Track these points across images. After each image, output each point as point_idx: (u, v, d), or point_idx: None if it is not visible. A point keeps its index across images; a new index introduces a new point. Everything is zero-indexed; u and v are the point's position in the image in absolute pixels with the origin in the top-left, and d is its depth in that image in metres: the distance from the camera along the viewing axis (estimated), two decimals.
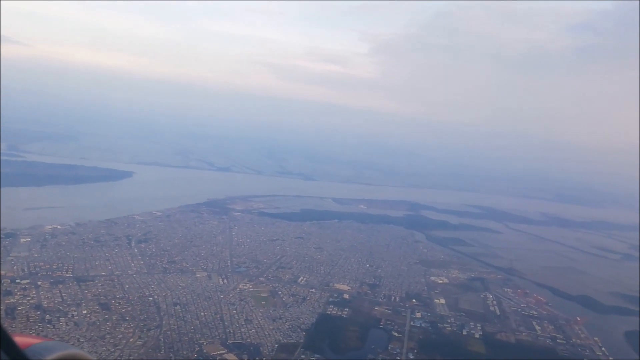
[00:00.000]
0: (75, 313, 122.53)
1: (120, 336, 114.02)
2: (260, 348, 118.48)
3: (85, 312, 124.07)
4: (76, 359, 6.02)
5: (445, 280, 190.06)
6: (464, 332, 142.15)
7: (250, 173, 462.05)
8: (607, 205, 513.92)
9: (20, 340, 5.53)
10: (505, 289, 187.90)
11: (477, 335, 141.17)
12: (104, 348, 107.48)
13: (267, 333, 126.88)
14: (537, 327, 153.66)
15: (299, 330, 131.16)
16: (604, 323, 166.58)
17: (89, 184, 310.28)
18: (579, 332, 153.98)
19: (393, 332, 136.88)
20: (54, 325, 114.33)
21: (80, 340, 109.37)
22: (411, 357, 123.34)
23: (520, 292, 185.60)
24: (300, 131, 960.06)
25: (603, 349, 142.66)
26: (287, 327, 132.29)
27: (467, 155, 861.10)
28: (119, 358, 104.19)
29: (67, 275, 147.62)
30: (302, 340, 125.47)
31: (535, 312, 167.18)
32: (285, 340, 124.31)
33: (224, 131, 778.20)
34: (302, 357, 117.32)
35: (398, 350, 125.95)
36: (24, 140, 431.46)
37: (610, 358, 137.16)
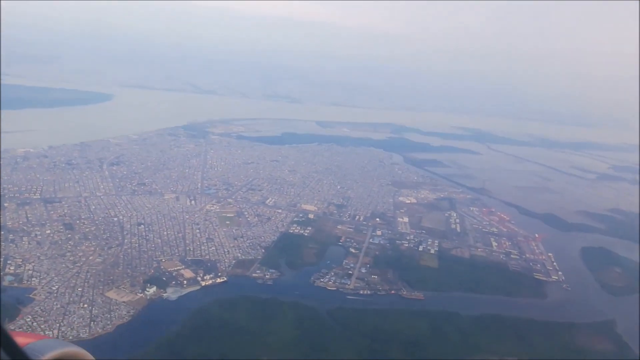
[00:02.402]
0: (38, 233, 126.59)
1: (80, 254, 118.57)
2: (217, 264, 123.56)
3: (48, 231, 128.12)
4: (75, 356, 6.05)
5: (413, 200, 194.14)
6: (420, 248, 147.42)
7: (237, 96, 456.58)
8: (598, 126, 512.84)
9: (19, 338, 5.50)
10: (472, 208, 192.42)
11: (432, 251, 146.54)
12: (63, 265, 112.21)
13: (226, 250, 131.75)
14: (494, 244, 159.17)
15: (258, 247, 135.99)
16: (562, 240, 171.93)
17: (67, 107, 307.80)
18: (535, 248, 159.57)
19: (351, 249, 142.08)
20: (16, 245, 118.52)
21: (41, 258, 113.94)
22: (363, 271, 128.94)
23: (485, 210, 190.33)
24: (294, 53, 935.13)
25: (555, 264, 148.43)
26: (247, 245, 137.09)
27: (462, 77, 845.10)
28: (76, 274, 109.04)
29: (35, 197, 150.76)
30: (259, 257, 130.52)
31: (495, 230, 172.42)
32: (243, 257, 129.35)
33: (215, 54, 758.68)
34: (257, 272, 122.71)
35: (352, 265, 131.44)
36: (4, 62, 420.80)
37: (559, 272, 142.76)
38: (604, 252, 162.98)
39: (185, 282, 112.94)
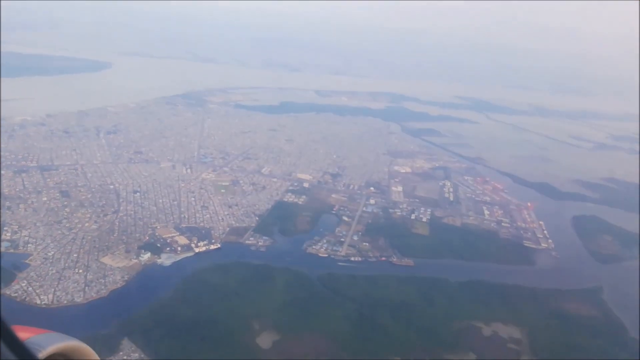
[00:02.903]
0: (35, 200, 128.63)
1: (76, 221, 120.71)
2: (212, 231, 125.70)
3: (45, 199, 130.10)
4: (76, 350, 6.07)
5: (408, 170, 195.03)
6: (413, 217, 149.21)
7: (235, 64, 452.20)
8: (599, 95, 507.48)
9: (20, 333, 5.38)
10: (466, 177, 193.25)
11: (424, 219, 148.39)
12: (59, 232, 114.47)
13: (220, 218, 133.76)
14: (486, 212, 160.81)
15: (252, 215, 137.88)
16: (555, 208, 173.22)
17: (66, 74, 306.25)
18: (527, 216, 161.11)
19: (344, 217, 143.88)
20: (12, 212, 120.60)
21: (37, 224, 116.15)
22: (355, 238, 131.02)
23: (479, 180, 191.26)
24: (295, 22, 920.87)
25: (545, 231, 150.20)
26: (242, 213, 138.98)
27: (464, 46, 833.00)
28: (72, 240, 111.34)
29: (32, 164, 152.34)
30: (253, 225, 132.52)
31: (488, 199, 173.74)
32: (237, 225, 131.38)
33: (214, 22, 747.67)
34: (251, 239, 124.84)
35: (344, 233, 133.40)
36: (3, 29, 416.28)
37: (550, 240, 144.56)
38: (595, 220, 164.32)
39: (179, 248, 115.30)
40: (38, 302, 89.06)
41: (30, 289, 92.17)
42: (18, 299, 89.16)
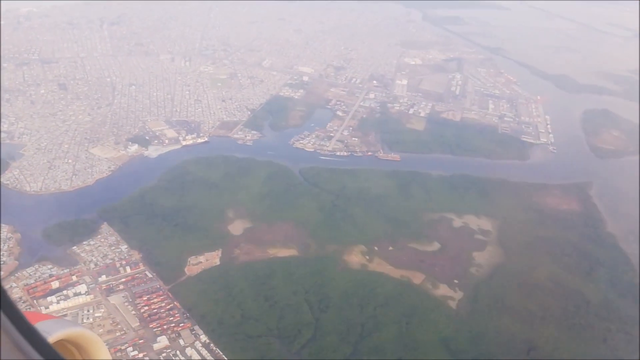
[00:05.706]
0: (33, 92, 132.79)
1: (70, 113, 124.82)
2: (201, 125, 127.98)
3: (43, 91, 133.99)
4: (81, 336, 6.12)
5: (419, 62, 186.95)
6: (411, 111, 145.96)
7: None
8: None
9: (29, 318, 5.24)
10: (479, 69, 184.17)
11: (422, 114, 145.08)
12: (53, 123, 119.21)
13: (212, 112, 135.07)
14: (491, 106, 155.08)
15: (245, 110, 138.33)
16: (567, 102, 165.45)
17: None
18: (533, 110, 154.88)
19: (338, 112, 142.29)
20: (11, 104, 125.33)
21: (33, 116, 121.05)
22: (345, 133, 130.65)
23: (493, 72, 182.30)
24: None
25: (548, 126, 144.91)
26: (235, 107, 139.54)
27: None
28: (65, 132, 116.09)
29: (34, 57, 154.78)
30: (244, 119, 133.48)
31: (498, 92, 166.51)
32: (228, 119, 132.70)
33: None
34: (239, 133, 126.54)
35: (335, 128, 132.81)
36: None
37: (550, 135, 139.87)
38: (606, 114, 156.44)
39: (167, 141, 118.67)
40: (28, 189, 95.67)
41: (21, 177, 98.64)
42: (10, 186, 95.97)
